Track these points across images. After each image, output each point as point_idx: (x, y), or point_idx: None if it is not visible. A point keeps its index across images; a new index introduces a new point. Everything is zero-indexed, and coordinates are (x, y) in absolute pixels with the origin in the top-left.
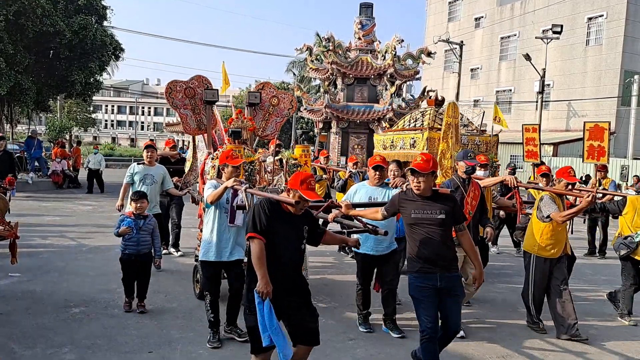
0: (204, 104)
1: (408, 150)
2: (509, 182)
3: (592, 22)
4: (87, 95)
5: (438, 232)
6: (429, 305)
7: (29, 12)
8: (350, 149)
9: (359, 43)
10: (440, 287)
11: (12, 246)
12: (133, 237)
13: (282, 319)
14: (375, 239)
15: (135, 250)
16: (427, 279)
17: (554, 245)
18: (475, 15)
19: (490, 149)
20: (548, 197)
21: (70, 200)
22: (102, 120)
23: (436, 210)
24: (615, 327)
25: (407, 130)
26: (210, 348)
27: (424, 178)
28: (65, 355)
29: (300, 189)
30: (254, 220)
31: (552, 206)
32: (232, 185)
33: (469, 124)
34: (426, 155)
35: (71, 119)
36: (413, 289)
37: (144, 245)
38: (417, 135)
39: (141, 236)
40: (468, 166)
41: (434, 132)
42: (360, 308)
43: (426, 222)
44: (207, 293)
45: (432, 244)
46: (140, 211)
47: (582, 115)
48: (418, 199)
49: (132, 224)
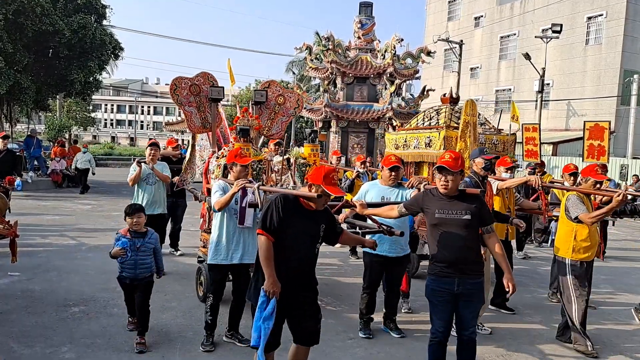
0: (209, 101)
1: (423, 149)
2: (534, 182)
3: (592, 22)
4: (87, 95)
5: (462, 234)
6: (443, 310)
7: (28, 11)
8: (349, 148)
9: (359, 42)
10: (458, 292)
11: (12, 245)
12: (128, 259)
13: (293, 316)
14: (391, 241)
15: (132, 274)
16: (445, 283)
17: (589, 247)
18: (474, 14)
19: (507, 148)
20: (575, 198)
21: (69, 199)
22: (102, 119)
23: (462, 210)
24: (616, 328)
25: (422, 128)
26: (202, 351)
27: (452, 177)
28: (64, 354)
29: (323, 184)
30: (265, 217)
31: (581, 207)
32: (239, 189)
33: (485, 123)
34: (454, 153)
35: (70, 118)
36: (429, 292)
37: (143, 269)
38: (434, 134)
39: (139, 258)
40: (487, 161)
41: (451, 131)
42: (363, 312)
43: (450, 223)
44: (211, 296)
45: (453, 246)
46: (137, 227)
47: (581, 115)
48: (443, 199)
49: (127, 244)
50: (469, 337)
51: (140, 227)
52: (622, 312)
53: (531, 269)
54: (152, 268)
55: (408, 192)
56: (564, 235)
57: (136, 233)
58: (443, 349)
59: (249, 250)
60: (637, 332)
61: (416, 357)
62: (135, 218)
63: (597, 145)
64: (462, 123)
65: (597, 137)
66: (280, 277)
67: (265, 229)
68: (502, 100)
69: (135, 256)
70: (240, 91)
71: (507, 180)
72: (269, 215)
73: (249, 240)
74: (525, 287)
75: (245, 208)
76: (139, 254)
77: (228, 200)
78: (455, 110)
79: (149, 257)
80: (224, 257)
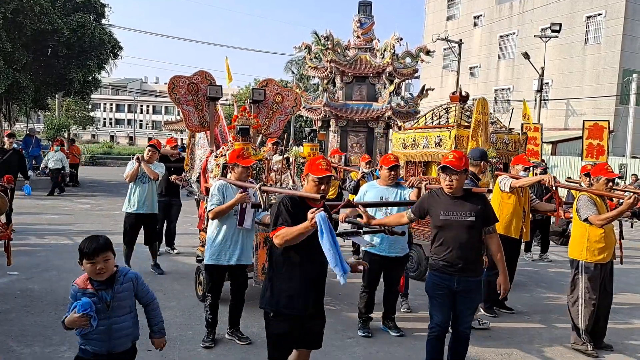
0: (207, 100)
1: (433, 149)
2: (547, 181)
3: (591, 21)
4: (86, 94)
5: (466, 235)
6: (442, 304)
7: (27, 10)
8: (349, 147)
9: (358, 41)
10: (457, 289)
11: (6, 248)
12: (95, 329)
13: (307, 315)
14: (390, 240)
15: (105, 349)
16: (444, 279)
17: (604, 248)
18: (474, 13)
19: (519, 147)
20: (586, 198)
21: (68, 198)
22: (101, 118)
23: (466, 212)
24: (615, 327)
25: (431, 127)
26: (202, 347)
27: (457, 176)
28: (63, 353)
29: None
30: (277, 218)
31: (591, 208)
32: (238, 201)
33: (496, 122)
34: (458, 153)
35: (69, 117)
36: (429, 286)
37: (122, 337)
38: (444, 133)
39: (113, 321)
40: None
41: (462, 130)
42: (362, 311)
43: (455, 225)
44: (210, 295)
45: (456, 247)
46: (101, 277)
47: (580, 114)
48: (448, 199)
49: (90, 307)
50: (464, 332)
51: (108, 271)
52: (621, 311)
53: (530, 269)
54: (134, 335)
55: (407, 192)
56: (577, 236)
57: (101, 285)
58: (441, 343)
59: (246, 252)
60: (636, 331)
61: (415, 356)
62: (98, 263)
63: (596, 145)
64: (474, 122)
65: (596, 137)
66: (301, 275)
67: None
68: (501, 99)
69: (106, 320)
70: (240, 90)
71: (521, 178)
72: (280, 216)
73: (246, 242)
74: (524, 286)
75: (246, 209)
76: (113, 314)
77: (225, 210)
78: (465, 109)
79: (129, 316)
80: (221, 258)
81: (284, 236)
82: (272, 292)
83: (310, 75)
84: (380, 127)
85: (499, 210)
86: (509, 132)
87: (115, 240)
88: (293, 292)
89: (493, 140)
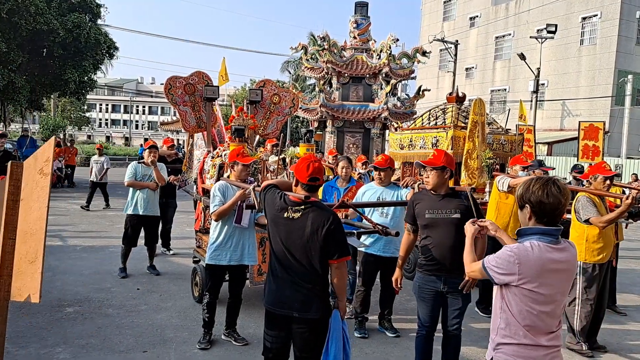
0: (204, 100)
1: (430, 149)
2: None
3: (586, 22)
4: (81, 94)
5: (452, 234)
6: (428, 306)
7: (23, 10)
8: (345, 148)
9: (354, 42)
10: (444, 290)
11: None
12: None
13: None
14: (385, 240)
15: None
16: (431, 281)
17: (602, 248)
18: (470, 14)
19: (515, 148)
20: (585, 199)
21: (64, 199)
22: (96, 119)
23: (451, 209)
24: (610, 327)
25: (428, 128)
26: (198, 349)
27: (435, 172)
28: (59, 354)
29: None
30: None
31: (591, 209)
32: (239, 199)
33: (492, 123)
34: (438, 151)
35: (65, 117)
36: (416, 288)
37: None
38: (440, 133)
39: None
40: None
41: (459, 131)
42: (358, 311)
43: (441, 223)
44: (207, 294)
45: (443, 246)
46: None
47: (576, 115)
48: (434, 198)
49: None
50: (453, 332)
51: None
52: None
53: None
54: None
55: (404, 192)
56: (576, 238)
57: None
58: (429, 342)
59: (248, 252)
60: (632, 331)
61: (411, 356)
62: None
63: (591, 145)
64: (471, 122)
65: (592, 137)
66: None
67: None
68: (497, 100)
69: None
70: (236, 91)
71: (520, 178)
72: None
73: (248, 242)
74: None
75: (243, 207)
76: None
77: (227, 209)
78: (462, 110)
79: None
80: (222, 258)
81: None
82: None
83: (306, 76)
84: (376, 127)
85: (496, 210)
86: (505, 132)
87: (110, 242)
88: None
89: (489, 141)
